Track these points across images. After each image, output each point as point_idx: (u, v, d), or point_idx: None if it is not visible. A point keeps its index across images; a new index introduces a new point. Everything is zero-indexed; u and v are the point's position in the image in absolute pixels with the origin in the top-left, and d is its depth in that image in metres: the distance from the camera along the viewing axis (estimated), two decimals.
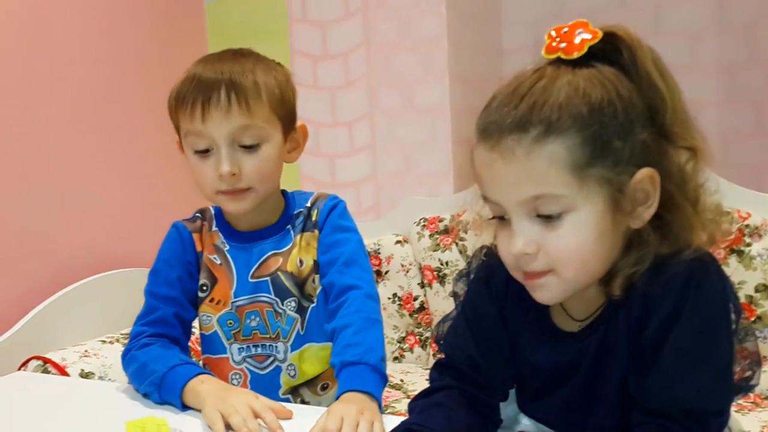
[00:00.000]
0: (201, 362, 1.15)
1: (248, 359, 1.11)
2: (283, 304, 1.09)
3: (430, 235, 1.97)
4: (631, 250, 0.75)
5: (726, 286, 0.76)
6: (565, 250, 0.72)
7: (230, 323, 1.11)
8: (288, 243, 1.10)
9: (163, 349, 1.05)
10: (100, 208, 1.90)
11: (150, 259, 1.97)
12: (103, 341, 1.64)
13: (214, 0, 2.31)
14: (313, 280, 1.09)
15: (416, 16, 2.05)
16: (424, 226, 1.99)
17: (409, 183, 2.11)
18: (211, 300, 1.12)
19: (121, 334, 1.68)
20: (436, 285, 1.94)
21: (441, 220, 1.97)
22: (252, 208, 1.06)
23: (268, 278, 1.09)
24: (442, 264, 1.93)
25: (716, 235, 0.76)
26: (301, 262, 1.09)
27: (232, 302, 1.10)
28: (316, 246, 1.09)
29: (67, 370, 1.49)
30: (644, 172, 0.72)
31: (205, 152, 1.04)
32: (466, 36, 2.14)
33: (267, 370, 1.11)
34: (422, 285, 1.99)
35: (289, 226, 1.11)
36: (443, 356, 0.92)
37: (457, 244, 1.92)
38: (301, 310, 1.09)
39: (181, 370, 1.00)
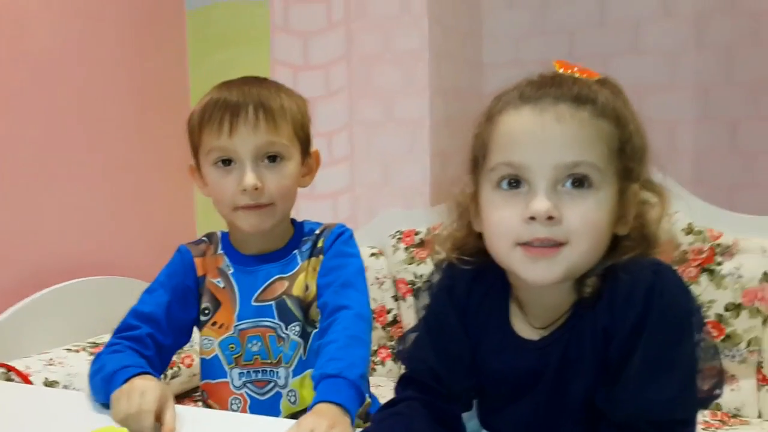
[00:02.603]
0: (200, 389, 1.15)
1: (248, 384, 1.10)
2: (287, 329, 1.09)
3: (406, 248, 1.96)
4: (611, 252, 0.79)
5: (687, 294, 0.78)
6: (588, 222, 0.75)
7: (232, 347, 1.10)
8: (294, 267, 1.11)
9: (127, 356, 1.04)
10: (71, 215, 1.87)
11: (120, 267, 1.95)
12: (69, 350, 1.61)
13: (196, 7, 2.30)
14: (317, 306, 1.10)
15: (398, 28, 2.05)
16: (399, 239, 1.98)
17: (386, 195, 2.10)
18: (213, 324, 1.11)
19: (88, 343, 1.65)
20: (409, 299, 1.93)
21: (417, 233, 1.97)
22: (270, 226, 1.08)
23: (272, 302, 1.09)
24: (416, 277, 1.92)
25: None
26: (307, 287, 1.10)
27: (235, 326, 1.10)
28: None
29: (31, 378, 1.46)
30: (634, 187, 0.79)
31: (227, 165, 1.05)
32: (448, 50, 2.14)
33: (267, 396, 1.10)
34: (396, 298, 1.98)
35: (295, 251, 1.12)
36: (406, 370, 0.92)
37: (432, 258, 1.91)
38: (304, 335, 1.09)
39: (131, 369, 0.98)
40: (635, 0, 2.11)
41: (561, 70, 0.80)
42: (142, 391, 0.91)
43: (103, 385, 1.00)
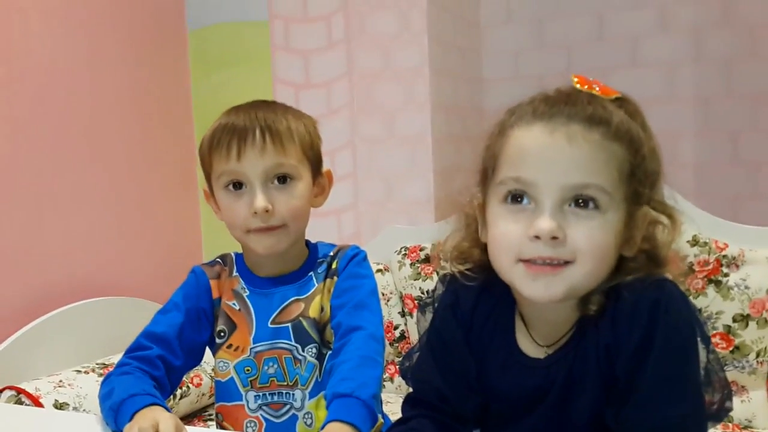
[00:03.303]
0: (215, 411, 1.14)
1: (264, 407, 1.10)
2: (303, 351, 1.09)
3: (411, 264, 1.96)
4: (617, 273, 0.79)
5: (691, 309, 0.77)
6: (593, 243, 0.75)
7: (248, 370, 1.10)
8: (310, 289, 1.11)
9: (135, 379, 1.04)
10: (78, 236, 1.88)
11: (127, 287, 1.95)
12: (78, 371, 1.60)
13: (197, 27, 2.32)
14: (331, 327, 1.10)
15: (398, 46, 2.07)
16: (405, 254, 1.99)
17: (390, 211, 2.11)
18: (229, 346, 1.11)
19: (97, 364, 1.65)
20: (417, 314, 1.93)
21: (422, 249, 1.97)
22: (284, 248, 1.08)
23: (289, 324, 1.09)
24: (422, 293, 1.92)
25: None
26: (322, 308, 1.10)
27: (251, 348, 1.10)
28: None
29: (41, 400, 1.46)
30: (644, 209, 0.78)
31: (238, 189, 1.06)
32: (448, 66, 2.16)
33: (283, 419, 1.10)
34: (403, 314, 1.98)
35: (311, 273, 1.12)
36: (412, 391, 0.92)
37: (437, 273, 1.92)
38: (320, 356, 1.09)
39: (138, 399, 0.98)
40: (633, 14, 2.14)
41: (579, 86, 0.79)
42: (155, 422, 0.91)
43: (112, 414, 0.99)
